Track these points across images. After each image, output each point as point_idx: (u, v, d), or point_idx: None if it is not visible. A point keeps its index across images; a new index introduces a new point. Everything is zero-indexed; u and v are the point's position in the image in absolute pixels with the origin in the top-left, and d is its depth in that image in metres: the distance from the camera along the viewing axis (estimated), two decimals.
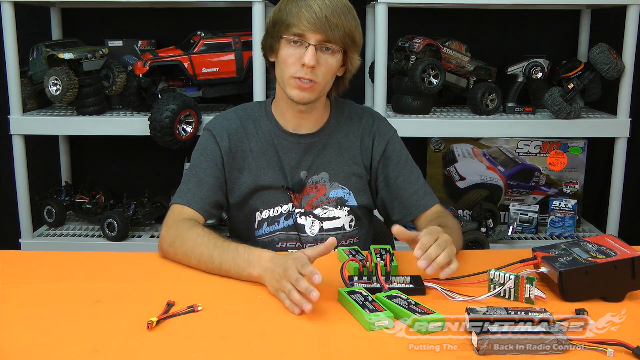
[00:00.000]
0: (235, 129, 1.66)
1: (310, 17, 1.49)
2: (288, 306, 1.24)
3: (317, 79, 1.54)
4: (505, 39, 2.86)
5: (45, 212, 2.70)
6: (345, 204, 1.68)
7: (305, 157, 1.66)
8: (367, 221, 1.75)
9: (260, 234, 1.67)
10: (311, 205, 1.66)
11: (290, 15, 1.51)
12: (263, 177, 1.64)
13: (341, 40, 1.52)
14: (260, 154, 1.65)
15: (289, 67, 1.54)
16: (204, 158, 1.65)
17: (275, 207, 1.66)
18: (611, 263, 1.27)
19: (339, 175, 1.67)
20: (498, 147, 2.77)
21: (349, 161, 1.68)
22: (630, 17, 2.41)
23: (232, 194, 1.66)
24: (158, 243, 1.55)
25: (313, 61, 1.50)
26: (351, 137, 1.69)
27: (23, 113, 2.50)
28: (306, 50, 1.51)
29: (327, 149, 1.68)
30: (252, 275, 1.36)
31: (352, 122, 1.71)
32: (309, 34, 1.51)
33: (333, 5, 1.51)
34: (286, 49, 1.54)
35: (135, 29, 2.82)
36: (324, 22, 1.49)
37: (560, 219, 2.67)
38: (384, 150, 1.70)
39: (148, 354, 1.09)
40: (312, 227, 1.67)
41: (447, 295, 1.31)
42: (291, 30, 1.52)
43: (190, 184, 1.63)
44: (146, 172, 2.93)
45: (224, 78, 2.54)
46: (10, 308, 1.25)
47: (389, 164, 1.70)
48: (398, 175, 1.69)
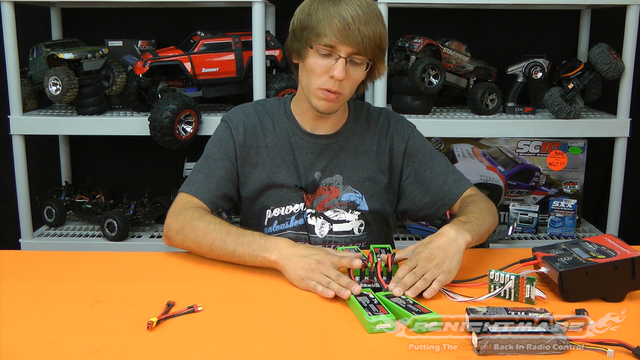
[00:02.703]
0: (252, 124, 1.65)
1: (342, 28, 1.44)
2: (321, 292, 1.29)
3: (344, 91, 1.53)
4: (505, 39, 2.86)
5: (45, 212, 2.70)
6: (357, 208, 1.67)
7: (320, 158, 1.65)
8: (376, 227, 1.73)
9: (270, 232, 1.67)
10: (323, 207, 1.66)
11: (321, 24, 1.47)
12: (277, 174, 1.64)
13: (371, 52, 1.49)
14: (276, 151, 1.65)
15: (317, 78, 1.51)
16: (218, 149, 1.64)
17: (286, 205, 1.65)
18: (611, 263, 1.27)
19: (352, 179, 1.66)
20: (498, 147, 2.77)
21: (364, 165, 1.67)
22: (630, 17, 2.41)
23: (244, 188, 1.66)
24: (163, 231, 1.55)
25: (343, 74, 1.48)
26: (367, 141, 1.68)
27: (23, 113, 2.51)
28: (336, 62, 1.48)
29: (344, 151, 1.66)
30: (269, 258, 1.38)
31: (369, 125, 1.69)
32: (340, 46, 1.47)
33: (366, 15, 1.46)
34: (314, 58, 1.50)
35: (135, 29, 2.82)
36: (356, 34, 1.44)
37: (560, 219, 2.67)
38: (405, 150, 1.68)
39: (148, 354, 1.09)
40: (322, 229, 1.66)
41: (447, 296, 1.31)
42: (321, 40, 1.47)
43: (201, 175, 1.62)
44: (146, 172, 2.93)
45: (224, 78, 2.54)
46: (10, 308, 1.25)
47: (414, 161, 1.69)
48: (425, 170, 1.68)
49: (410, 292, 1.27)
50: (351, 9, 1.46)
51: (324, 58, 1.50)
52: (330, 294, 1.28)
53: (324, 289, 1.29)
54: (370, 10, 1.48)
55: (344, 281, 1.29)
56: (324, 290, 1.29)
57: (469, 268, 1.45)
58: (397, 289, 1.27)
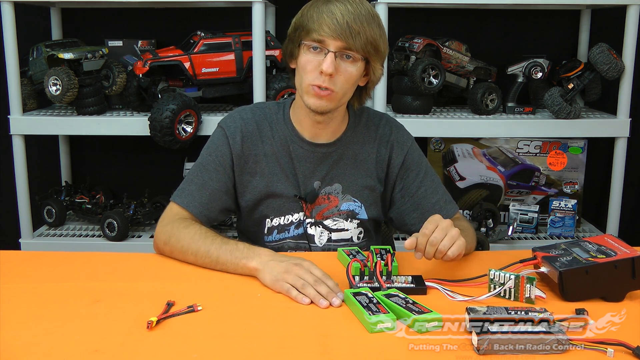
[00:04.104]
0: (250, 132, 1.61)
1: (331, 22, 1.44)
2: (294, 297, 1.26)
3: (335, 87, 1.49)
4: (505, 39, 2.86)
5: (45, 212, 2.70)
6: (356, 216, 1.65)
7: (319, 167, 1.62)
8: (375, 233, 1.73)
9: (270, 240, 1.65)
10: (322, 216, 1.64)
11: (311, 20, 1.47)
12: (276, 183, 1.61)
13: (362, 49, 1.46)
14: (274, 159, 1.61)
15: (308, 74, 1.49)
16: (213, 159, 1.61)
17: (286, 215, 1.63)
18: (611, 263, 1.27)
19: (352, 188, 1.64)
20: (498, 147, 2.77)
21: (363, 174, 1.65)
22: (630, 17, 2.41)
23: (243, 197, 1.63)
24: (153, 240, 1.56)
25: (331, 69, 1.45)
26: (367, 148, 1.65)
27: (23, 113, 2.50)
28: (325, 57, 1.46)
29: (343, 160, 1.63)
30: (248, 266, 1.37)
31: (369, 132, 1.66)
32: (328, 40, 1.45)
33: (356, 11, 1.45)
34: (305, 55, 1.49)
35: (135, 29, 2.82)
36: (344, 28, 1.43)
37: (560, 219, 2.67)
38: (402, 162, 1.66)
39: (148, 354, 1.09)
40: (321, 237, 1.65)
41: (447, 295, 1.31)
42: (311, 35, 1.47)
43: (193, 185, 1.60)
44: (146, 172, 2.93)
45: (224, 78, 2.54)
46: (10, 308, 1.25)
47: (409, 175, 1.66)
48: (419, 186, 1.66)
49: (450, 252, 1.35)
50: (342, 5, 1.45)
51: (315, 54, 1.48)
52: (305, 301, 1.25)
53: (298, 294, 1.26)
54: (363, 9, 1.46)
55: (324, 289, 1.25)
56: (297, 296, 1.26)
57: (469, 268, 1.45)
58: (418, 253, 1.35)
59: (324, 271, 1.33)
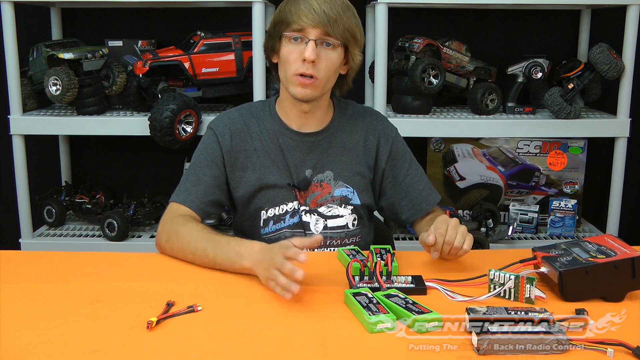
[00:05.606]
0: (238, 129, 1.67)
1: (309, 12, 1.51)
2: (279, 293, 1.27)
3: (318, 74, 1.55)
4: (505, 39, 2.86)
5: (45, 212, 2.70)
6: (350, 202, 1.69)
7: (310, 156, 1.67)
8: (368, 220, 1.76)
9: (267, 232, 1.68)
10: (316, 203, 1.67)
11: (290, 13, 1.54)
12: (268, 175, 1.65)
13: (341, 35, 1.54)
14: (265, 153, 1.66)
15: (291, 65, 1.55)
16: (204, 157, 1.66)
17: (280, 205, 1.66)
18: (611, 263, 1.27)
19: (343, 174, 1.68)
20: (498, 147, 2.77)
21: (352, 160, 1.69)
22: (630, 17, 2.41)
23: (237, 192, 1.67)
24: (155, 239, 1.59)
25: (313, 55, 1.52)
26: (355, 137, 1.70)
27: (23, 113, 2.51)
28: (306, 45, 1.52)
29: (332, 147, 1.68)
30: (245, 267, 1.39)
31: (356, 122, 1.72)
32: (308, 29, 1.52)
33: (331, 2, 1.53)
34: (287, 46, 1.56)
35: (135, 29, 2.82)
36: (322, 16, 1.51)
37: (560, 219, 2.67)
38: (390, 152, 1.71)
39: (148, 354, 1.09)
40: (317, 225, 1.67)
41: (447, 295, 1.31)
42: (291, 27, 1.54)
43: (188, 183, 1.65)
44: (146, 172, 2.93)
45: (224, 78, 2.54)
46: (10, 308, 1.25)
47: (396, 164, 1.72)
48: (406, 175, 1.73)
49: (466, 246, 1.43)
50: None
51: (296, 45, 1.55)
52: (287, 296, 1.26)
53: (281, 291, 1.27)
54: (339, 0, 1.54)
55: (287, 268, 1.25)
56: (281, 292, 1.27)
57: (469, 268, 1.45)
58: (435, 253, 1.43)
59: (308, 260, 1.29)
